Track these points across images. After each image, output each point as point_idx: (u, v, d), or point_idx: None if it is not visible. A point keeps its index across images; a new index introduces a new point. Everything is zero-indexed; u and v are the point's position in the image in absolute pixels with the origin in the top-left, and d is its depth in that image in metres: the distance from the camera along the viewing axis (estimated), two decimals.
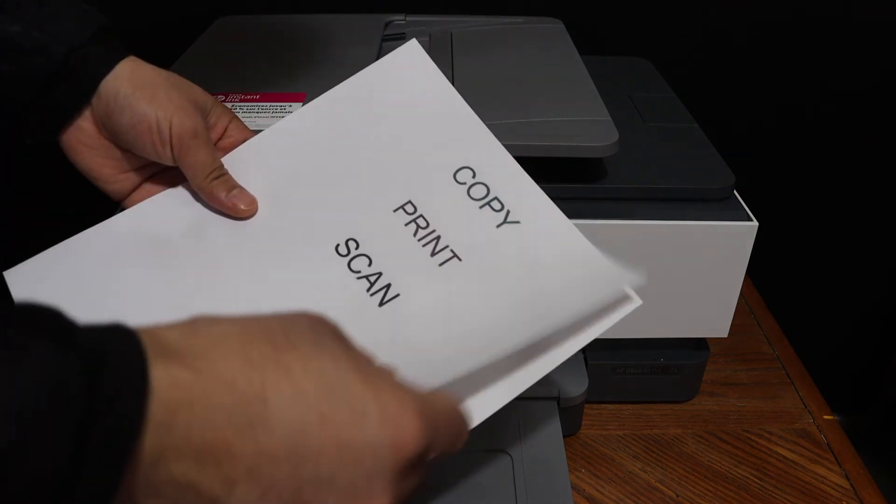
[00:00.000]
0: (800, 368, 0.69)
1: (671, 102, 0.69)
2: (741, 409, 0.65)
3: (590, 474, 0.58)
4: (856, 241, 1.12)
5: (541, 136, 0.51)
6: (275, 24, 0.72)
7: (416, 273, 0.43)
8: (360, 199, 0.46)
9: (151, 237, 0.45)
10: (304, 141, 0.49)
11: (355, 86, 0.50)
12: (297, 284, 0.43)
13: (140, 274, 0.44)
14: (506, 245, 0.44)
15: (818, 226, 1.10)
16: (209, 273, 0.44)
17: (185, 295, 0.43)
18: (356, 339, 0.33)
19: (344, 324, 0.34)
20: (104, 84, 0.44)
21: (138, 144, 0.45)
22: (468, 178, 0.46)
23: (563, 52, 0.66)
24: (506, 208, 0.45)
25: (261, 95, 0.56)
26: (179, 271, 0.44)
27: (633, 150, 0.57)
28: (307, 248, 0.45)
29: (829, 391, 0.69)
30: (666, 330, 0.58)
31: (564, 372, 0.60)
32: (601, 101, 0.56)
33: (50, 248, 0.45)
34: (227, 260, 0.45)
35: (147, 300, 0.43)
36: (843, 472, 0.59)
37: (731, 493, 0.57)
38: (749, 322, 0.75)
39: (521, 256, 0.43)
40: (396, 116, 0.49)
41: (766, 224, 0.55)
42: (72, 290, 0.43)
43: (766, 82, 0.97)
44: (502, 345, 0.38)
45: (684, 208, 0.53)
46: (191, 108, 0.45)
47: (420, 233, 0.45)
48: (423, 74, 0.50)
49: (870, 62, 0.96)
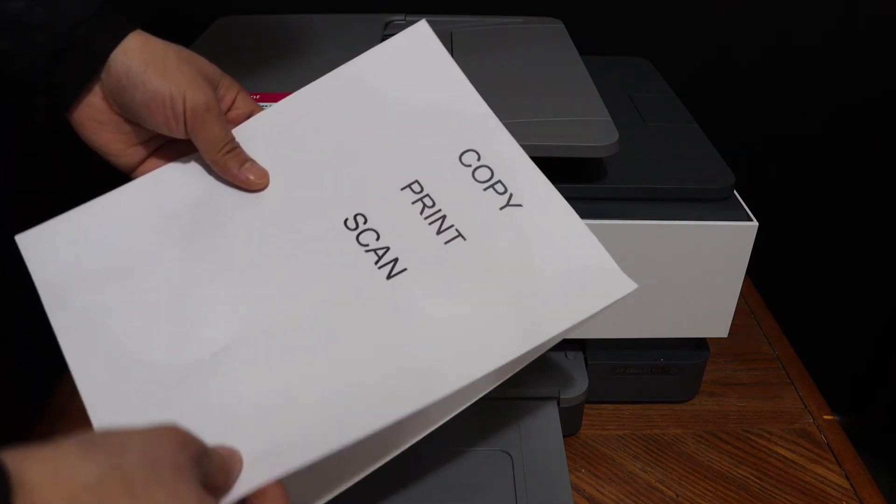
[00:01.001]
0: (800, 368, 0.69)
1: (671, 102, 0.69)
2: (741, 409, 0.65)
3: (590, 474, 0.58)
4: (856, 241, 1.12)
5: (541, 136, 0.51)
6: (275, 24, 0.72)
7: (423, 249, 0.44)
8: (367, 176, 0.47)
9: (163, 206, 0.46)
10: (313, 116, 0.49)
11: (365, 64, 0.51)
12: (306, 255, 0.44)
13: (152, 242, 0.45)
14: (507, 229, 0.45)
15: (818, 226, 1.10)
16: (220, 242, 0.45)
17: (198, 260, 0.44)
18: (364, 313, 0.37)
19: (353, 296, 0.38)
20: (113, 59, 0.44)
21: (151, 120, 0.45)
22: (473, 161, 0.47)
23: (563, 52, 0.66)
24: (509, 191, 0.46)
25: (261, 95, 0.56)
26: (191, 239, 0.45)
27: (633, 150, 0.57)
28: (316, 220, 0.45)
29: (829, 391, 0.69)
30: (666, 330, 0.58)
31: (564, 372, 0.60)
32: (601, 101, 0.56)
33: (63, 213, 0.46)
34: (238, 231, 0.45)
35: (159, 268, 0.43)
36: (843, 472, 0.59)
37: (731, 493, 0.57)
38: (749, 322, 0.75)
39: (521, 242, 0.45)
40: (404, 96, 0.49)
41: (766, 224, 0.55)
42: (85, 255, 0.44)
43: (766, 82, 0.97)
44: (496, 359, 0.39)
45: (684, 208, 0.53)
46: (202, 82, 0.45)
47: (426, 211, 0.46)
48: (431, 56, 0.51)
49: (870, 62, 0.96)
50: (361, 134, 0.49)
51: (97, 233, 0.45)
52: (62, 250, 0.44)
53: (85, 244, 0.44)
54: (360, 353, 0.40)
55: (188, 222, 0.45)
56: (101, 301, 0.42)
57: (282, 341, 0.41)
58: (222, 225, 0.45)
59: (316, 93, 0.50)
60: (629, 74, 0.75)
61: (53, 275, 0.43)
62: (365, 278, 0.43)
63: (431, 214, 0.46)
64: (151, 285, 0.43)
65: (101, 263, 0.43)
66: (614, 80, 0.71)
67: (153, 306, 0.42)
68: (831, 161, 1.04)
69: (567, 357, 0.61)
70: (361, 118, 0.49)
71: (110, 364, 0.40)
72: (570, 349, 0.61)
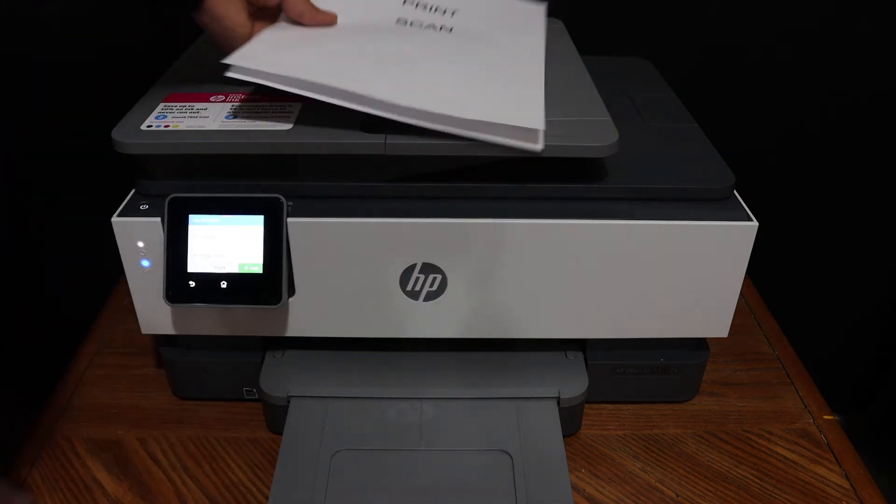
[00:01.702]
0: (800, 368, 0.69)
1: (671, 102, 0.69)
2: (741, 409, 0.65)
3: (590, 474, 0.58)
4: (856, 241, 1.12)
5: None
6: None
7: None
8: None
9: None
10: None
11: None
12: (393, 35, 0.59)
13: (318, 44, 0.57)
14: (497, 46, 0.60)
15: (818, 226, 1.10)
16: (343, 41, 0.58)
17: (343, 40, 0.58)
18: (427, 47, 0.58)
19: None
20: None
21: None
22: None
23: (563, 52, 0.66)
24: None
25: (261, 95, 0.56)
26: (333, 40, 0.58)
27: (633, 150, 0.57)
28: (388, 22, 0.62)
29: (829, 391, 0.69)
30: (666, 330, 0.58)
31: (564, 372, 0.60)
32: (601, 101, 0.56)
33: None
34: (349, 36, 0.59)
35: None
36: (843, 472, 0.59)
37: (731, 493, 0.57)
38: (749, 322, 0.75)
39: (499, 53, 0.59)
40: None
41: (766, 224, 0.55)
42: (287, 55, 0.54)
43: (766, 82, 0.97)
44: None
45: (684, 208, 0.53)
46: None
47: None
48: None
49: (870, 63, 0.96)
50: None
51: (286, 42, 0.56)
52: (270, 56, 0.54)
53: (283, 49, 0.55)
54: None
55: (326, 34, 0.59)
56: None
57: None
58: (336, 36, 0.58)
59: None
60: (629, 74, 0.75)
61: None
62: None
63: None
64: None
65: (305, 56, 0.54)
66: (614, 80, 0.71)
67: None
68: (831, 161, 1.04)
69: (567, 357, 0.61)
70: None
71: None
72: (570, 349, 0.61)
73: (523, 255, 0.53)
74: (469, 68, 0.56)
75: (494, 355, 0.61)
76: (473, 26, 0.63)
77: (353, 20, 0.60)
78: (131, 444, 0.60)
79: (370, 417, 0.57)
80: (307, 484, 0.52)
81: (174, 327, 0.57)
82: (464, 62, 0.57)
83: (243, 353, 0.60)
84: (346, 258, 0.53)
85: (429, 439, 0.55)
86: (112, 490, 0.56)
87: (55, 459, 0.59)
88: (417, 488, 0.52)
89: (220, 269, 0.52)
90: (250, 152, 0.51)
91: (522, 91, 0.53)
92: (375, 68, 0.53)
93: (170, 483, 0.57)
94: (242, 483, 0.57)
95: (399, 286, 0.54)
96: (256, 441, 0.60)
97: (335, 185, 0.54)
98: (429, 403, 0.58)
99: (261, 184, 0.53)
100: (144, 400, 0.64)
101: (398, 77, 0.52)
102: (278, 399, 0.58)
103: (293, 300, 0.55)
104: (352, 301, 0.55)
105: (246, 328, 0.57)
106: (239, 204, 0.52)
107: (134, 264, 0.54)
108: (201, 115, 0.53)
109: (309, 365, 0.60)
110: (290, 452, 0.54)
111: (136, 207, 0.53)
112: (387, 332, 0.57)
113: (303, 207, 0.52)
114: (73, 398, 0.65)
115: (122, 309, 0.75)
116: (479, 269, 0.54)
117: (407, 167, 0.53)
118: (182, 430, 0.61)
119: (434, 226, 0.52)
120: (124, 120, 0.53)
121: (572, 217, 0.52)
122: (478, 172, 0.53)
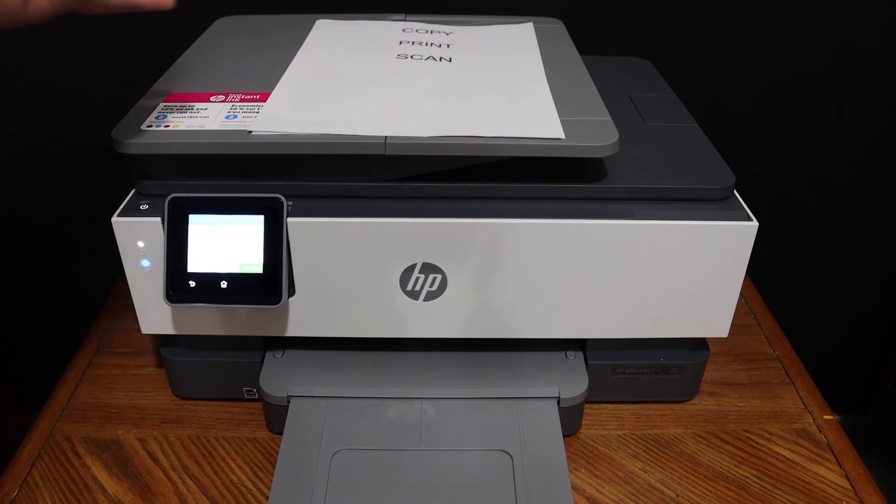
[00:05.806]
0: (800, 368, 0.69)
1: (671, 102, 0.69)
2: (741, 409, 0.65)
3: (590, 474, 0.58)
4: (856, 241, 1.12)
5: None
6: (274, 24, 0.72)
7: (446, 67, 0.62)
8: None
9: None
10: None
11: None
12: (398, 66, 0.62)
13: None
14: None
15: (818, 226, 1.10)
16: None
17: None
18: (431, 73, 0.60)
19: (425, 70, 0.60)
20: None
21: None
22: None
23: (563, 52, 0.66)
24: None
25: (261, 95, 0.56)
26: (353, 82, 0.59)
27: (633, 150, 0.57)
28: (389, 55, 0.64)
29: (829, 391, 0.70)
30: (666, 330, 0.58)
31: (564, 372, 0.60)
32: (601, 101, 0.56)
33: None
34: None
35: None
36: (843, 472, 0.59)
37: (731, 493, 0.57)
38: (749, 322, 0.75)
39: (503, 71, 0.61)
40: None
41: (766, 224, 0.55)
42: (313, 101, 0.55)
43: (766, 82, 0.97)
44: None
45: (684, 208, 0.53)
46: None
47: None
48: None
49: (870, 63, 0.96)
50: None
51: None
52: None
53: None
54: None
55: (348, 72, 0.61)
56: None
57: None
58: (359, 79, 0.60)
59: None
60: (629, 74, 0.75)
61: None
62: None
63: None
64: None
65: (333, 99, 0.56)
66: (614, 80, 0.71)
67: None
68: (831, 161, 1.04)
69: (567, 357, 0.61)
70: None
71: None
72: (569, 349, 0.61)
73: (523, 255, 0.53)
74: (478, 92, 0.57)
75: (494, 355, 0.61)
76: (470, 54, 0.64)
77: (356, 65, 0.61)
78: (131, 443, 0.60)
79: (370, 417, 0.57)
80: (307, 484, 0.52)
81: (174, 327, 0.57)
82: (472, 87, 0.57)
83: (243, 353, 0.60)
84: (346, 258, 0.53)
85: (429, 439, 0.55)
86: (112, 490, 0.56)
87: (55, 459, 0.59)
88: (417, 488, 0.52)
89: (220, 269, 0.52)
90: (250, 152, 0.51)
91: (535, 105, 0.54)
92: (391, 109, 0.54)
93: (170, 483, 0.57)
94: (242, 483, 0.57)
95: (399, 286, 0.54)
96: (256, 441, 0.60)
97: (335, 185, 0.54)
98: (429, 403, 0.58)
99: (261, 184, 0.53)
100: (144, 400, 0.64)
101: (414, 114, 0.53)
102: (278, 399, 0.58)
103: (293, 300, 0.55)
104: (352, 301, 0.55)
105: (246, 328, 0.57)
106: (239, 204, 0.52)
107: (134, 264, 0.54)
108: (201, 115, 0.53)
109: (309, 365, 0.60)
110: (290, 452, 0.54)
111: (136, 207, 0.53)
112: (387, 331, 0.57)
113: (303, 207, 0.52)
114: (73, 398, 0.65)
115: (122, 309, 0.75)
116: (479, 269, 0.54)
117: (407, 167, 0.53)
118: (182, 430, 0.61)
119: (434, 226, 0.52)
120: (124, 120, 0.53)
121: (572, 217, 0.52)
122: (478, 172, 0.53)
